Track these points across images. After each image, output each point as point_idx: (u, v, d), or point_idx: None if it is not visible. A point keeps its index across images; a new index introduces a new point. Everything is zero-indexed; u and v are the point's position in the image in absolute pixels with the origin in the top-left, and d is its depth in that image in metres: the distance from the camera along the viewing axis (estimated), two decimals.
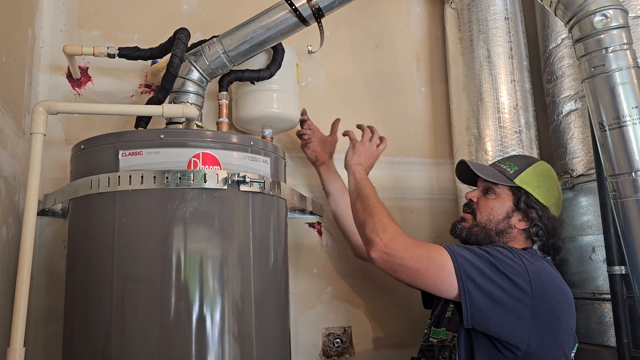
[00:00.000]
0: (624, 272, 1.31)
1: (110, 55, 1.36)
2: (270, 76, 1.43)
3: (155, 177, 1.04)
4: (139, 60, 1.40)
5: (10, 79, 1.23)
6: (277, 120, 1.50)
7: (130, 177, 1.05)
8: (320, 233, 1.67)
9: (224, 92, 1.41)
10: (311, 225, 1.67)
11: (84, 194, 1.08)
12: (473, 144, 1.65)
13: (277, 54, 1.43)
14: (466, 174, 1.37)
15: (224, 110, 1.41)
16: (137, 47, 1.38)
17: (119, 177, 1.05)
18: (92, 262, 1.06)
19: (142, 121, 1.34)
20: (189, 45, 1.34)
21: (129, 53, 1.37)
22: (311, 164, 1.61)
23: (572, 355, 1.16)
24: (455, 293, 1.09)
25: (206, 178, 1.05)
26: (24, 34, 1.35)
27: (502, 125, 1.61)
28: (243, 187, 1.09)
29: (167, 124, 1.30)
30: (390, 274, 1.15)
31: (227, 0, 1.71)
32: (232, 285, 1.07)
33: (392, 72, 1.86)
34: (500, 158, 1.43)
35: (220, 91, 1.42)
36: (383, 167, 1.78)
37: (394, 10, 1.90)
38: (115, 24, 1.59)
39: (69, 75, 1.53)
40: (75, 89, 1.53)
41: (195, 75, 1.33)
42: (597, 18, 1.14)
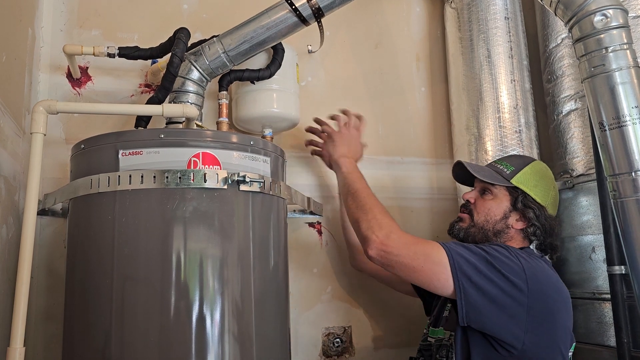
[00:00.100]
0: (623, 271, 1.31)
1: (111, 55, 1.37)
2: (270, 76, 1.43)
3: (155, 177, 1.04)
4: (139, 60, 1.40)
5: (10, 79, 1.23)
6: (277, 120, 1.50)
7: (130, 176, 1.05)
8: (320, 233, 1.67)
9: (224, 92, 1.41)
10: (311, 225, 1.67)
11: (84, 193, 1.08)
12: (473, 144, 1.65)
13: (277, 53, 1.43)
14: (463, 174, 1.37)
15: (224, 110, 1.41)
16: (137, 46, 1.38)
17: (119, 176, 1.05)
18: (92, 262, 1.07)
19: (142, 121, 1.34)
20: (189, 44, 1.34)
21: (129, 53, 1.37)
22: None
23: (570, 354, 1.16)
24: (450, 290, 1.09)
25: (206, 178, 1.05)
26: (24, 33, 1.35)
27: (502, 125, 1.61)
28: (243, 187, 1.09)
29: (167, 124, 1.30)
30: (388, 271, 1.15)
31: (227, 0, 1.71)
32: (232, 284, 1.07)
33: (392, 72, 1.86)
34: (497, 158, 1.43)
35: (220, 91, 1.42)
36: (383, 167, 1.78)
37: (394, 10, 1.90)
38: (116, 23, 1.59)
39: (69, 75, 1.53)
40: (75, 89, 1.53)
41: (195, 74, 1.33)
42: (597, 18, 1.15)
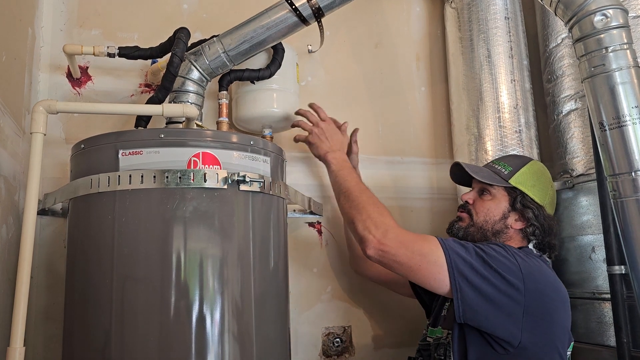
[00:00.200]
0: (623, 271, 1.31)
1: (110, 55, 1.36)
2: (270, 75, 1.43)
3: (155, 177, 1.04)
4: (139, 60, 1.40)
5: (10, 79, 1.23)
6: (277, 120, 1.50)
7: (130, 176, 1.05)
8: (320, 233, 1.67)
9: (224, 92, 1.41)
10: (311, 224, 1.67)
11: (84, 193, 1.08)
12: (473, 144, 1.65)
13: (277, 53, 1.43)
14: (460, 175, 1.37)
15: (224, 110, 1.41)
16: (137, 46, 1.38)
17: (118, 176, 1.05)
18: (92, 262, 1.06)
19: (142, 121, 1.34)
20: (189, 44, 1.34)
21: (129, 52, 1.37)
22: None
23: (569, 353, 1.16)
24: (447, 289, 1.09)
25: (206, 177, 1.05)
26: (24, 33, 1.35)
27: (502, 124, 1.61)
28: (243, 187, 1.09)
29: (167, 124, 1.30)
30: (387, 268, 1.16)
31: (227, 0, 1.71)
32: (232, 284, 1.07)
33: (392, 72, 1.86)
34: (494, 159, 1.43)
35: (220, 90, 1.42)
36: (383, 167, 1.78)
37: (394, 9, 1.90)
38: (116, 23, 1.59)
39: (69, 75, 1.53)
40: (75, 89, 1.53)
41: (195, 74, 1.33)
42: (597, 18, 1.14)
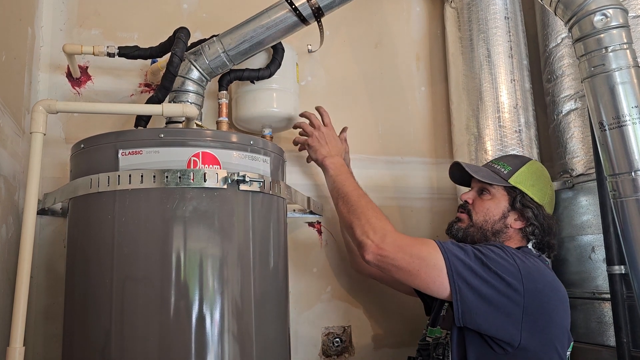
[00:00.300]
0: (623, 271, 1.31)
1: (110, 55, 1.36)
2: (270, 75, 1.43)
3: (155, 177, 1.04)
4: (138, 60, 1.40)
5: (10, 78, 1.23)
6: (277, 120, 1.50)
7: (130, 176, 1.05)
8: (320, 232, 1.67)
9: (224, 92, 1.41)
10: (311, 224, 1.67)
11: (84, 193, 1.08)
12: (473, 144, 1.65)
13: (277, 53, 1.43)
14: (459, 175, 1.37)
15: (224, 110, 1.41)
16: (136, 46, 1.38)
17: (118, 176, 1.05)
18: (91, 261, 1.07)
19: (142, 120, 1.34)
20: (188, 44, 1.34)
21: (128, 52, 1.37)
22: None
23: (568, 353, 1.16)
24: (447, 292, 1.09)
25: (206, 177, 1.05)
26: (24, 33, 1.35)
27: (502, 124, 1.61)
28: (243, 187, 1.09)
29: (167, 123, 1.30)
30: (384, 278, 1.15)
31: (227, 0, 1.70)
32: (232, 284, 1.07)
33: (392, 72, 1.86)
34: (493, 158, 1.43)
35: (220, 90, 1.42)
36: (383, 167, 1.78)
37: (393, 9, 1.90)
38: (115, 23, 1.59)
39: (69, 75, 1.53)
40: (75, 88, 1.53)
41: (195, 74, 1.33)
42: (597, 17, 1.15)
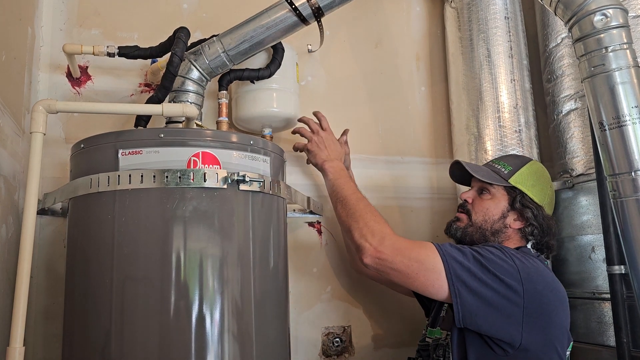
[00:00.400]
0: (623, 271, 1.31)
1: (110, 54, 1.36)
2: (270, 75, 1.43)
3: (155, 176, 1.04)
4: (138, 59, 1.40)
5: (9, 78, 1.23)
6: (277, 120, 1.50)
7: (130, 176, 1.05)
8: (320, 232, 1.67)
9: (224, 91, 1.41)
10: (311, 224, 1.67)
11: (84, 193, 1.08)
12: (473, 144, 1.65)
13: (277, 53, 1.43)
14: (460, 174, 1.37)
15: (224, 110, 1.41)
16: (136, 46, 1.38)
17: (118, 176, 1.05)
18: (91, 261, 1.06)
19: (142, 120, 1.34)
20: (188, 44, 1.34)
21: (128, 52, 1.37)
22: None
23: (568, 353, 1.16)
24: (446, 295, 1.09)
25: (206, 177, 1.05)
26: (24, 32, 1.35)
27: (502, 124, 1.61)
28: (243, 187, 1.09)
29: (166, 123, 1.30)
30: (384, 278, 1.15)
31: (227, 0, 1.70)
32: (232, 284, 1.07)
33: (391, 71, 1.86)
34: (493, 158, 1.43)
35: (220, 90, 1.42)
36: (383, 167, 1.78)
37: (393, 9, 1.90)
38: (115, 23, 1.59)
39: (69, 74, 1.53)
40: (75, 88, 1.53)
41: (195, 74, 1.33)
42: (597, 17, 1.15)
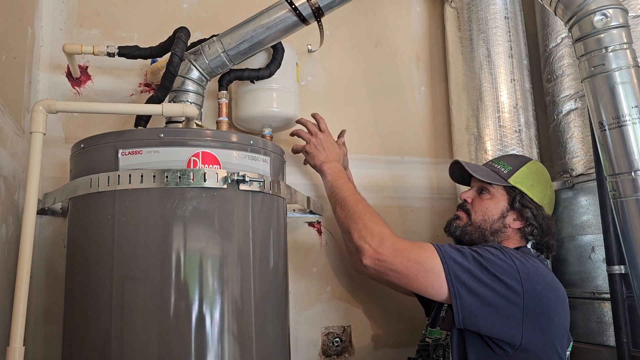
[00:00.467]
0: (623, 271, 1.31)
1: (110, 54, 1.36)
2: (270, 75, 1.43)
3: (154, 176, 1.04)
4: (138, 59, 1.40)
5: (9, 78, 1.23)
6: (276, 119, 1.50)
7: (130, 176, 1.05)
8: (320, 232, 1.67)
9: (224, 91, 1.41)
10: (311, 224, 1.67)
11: (84, 192, 1.08)
12: (473, 143, 1.65)
13: (277, 53, 1.43)
14: (459, 173, 1.37)
15: (224, 109, 1.41)
16: (136, 46, 1.38)
17: (118, 176, 1.05)
18: (91, 261, 1.06)
19: (142, 120, 1.34)
20: (188, 44, 1.34)
21: (128, 52, 1.37)
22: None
23: (568, 353, 1.16)
24: (445, 296, 1.09)
25: (206, 177, 1.05)
26: (24, 32, 1.35)
27: (502, 124, 1.61)
28: (243, 186, 1.09)
29: (166, 123, 1.30)
30: (383, 279, 1.15)
31: (227, 0, 1.70)
32: (232, 284, 1.07)
33: (391, 71, 1.86)
34: (493, 158, 1.43)
35: (220, 90, 1.42)
36: (383, 167, 1.78)
37: (393, 9, 1.90)
38: (115, 22, 1.59)
39: (69, 74, 1.53)
40: (75, 88, 1.53)
41: (195, 74, 1.33)
42: (597, 17, 1.15)
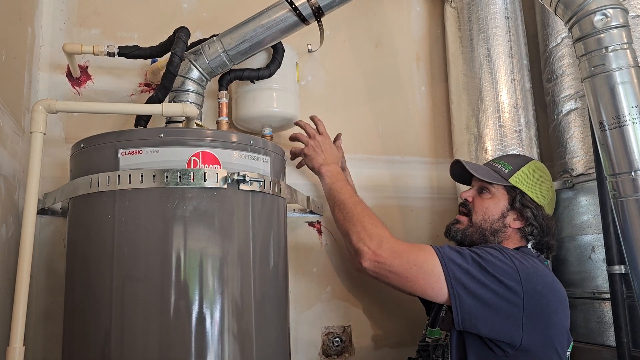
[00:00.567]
0: (623, 271, 1.31)
1: (110, 54, 1.36)
2: (270, 75, 1.43)
3: (155, 176, 1.04)
4: (138, 59, 1.40)
5: (10, 78, 1.23)
6: (277, 119, 1.50)
7: (130, 176, 1.05)
8: (320, 232, 1.67)
9: (224, 91, 1.41)
10: (311, 224, 1.67)
11: (84, 192, 1.08)
12: (473, 143, 1.65)
13: (277, 52, 1.43)
14: (460, 173, 1.37)
15: (224, 109, 1.41)
16: (136, 45, 1.38)
17: (118, 176, 1.05)
18: (91, 261, 1.06)
19: (142, 120, 1.34)
20: (188, 44, 1.34)
21: (128, 52, 1.37)
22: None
23: (568, 354, 1.16)
24: (445, 298, 1.09)
25: (206, 177, 1.05)
26: (24, 32, 1.35)
27: (502, 124, 1.61)
28: (243, 186, 1.09)
29: (167, 123, 1.30)
30: (383, 281, 1.15)
31: None
32: (232, 284, 1.07)
33: (392, 71, 1.86)
34: (495, 157, 1.43)
35: (220, 90, 1.42)
36: (383, 166, 1.78)
37: (394, 9, 1.90)
38: (115, 22, 1.59)
39: (69, 74, 1.53)
40: (75, 88, 1.53)
41: (195, 74, 1.33)
42: (597, 17, 1.15)
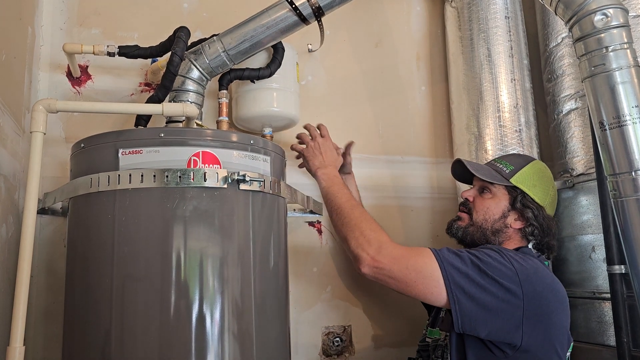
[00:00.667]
0: (623, 271, 1.31)
1: (110, 54, 1.36)
2: (270, 75, 1.43)
3: (155, 176, 1.04)
4: (139, 59, 1.40)
5: (10, 78, 1.23)
6: (277, 119, 1.50)
7: (130, 175, 1.05)
8: (320, 232, 1.67)
9: (224, 91, 1.41)
10: (311, 224, 1.67)
11: (84, 192, 1.08)
12: (473, 143, 1.65)
13: (277, 52, 1.43)
14: (462, 172, 1.36)
15: (224, 109, 1.41)
16: (137, 45, 1.38)
17: (118, 175, 1.05)
18: (92, 261, 1.06)
19: (142, 120, 1.34)
20: (189, 43, 1.34)
21: (128, 51, 1.37)
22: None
23: (568, 354, 1.16)
24: (444, 301, 1.08)
25: (206, 177, 1.05)
26: (24, 32, 1.35)
27: (502, 124, 1.61)
28: (243, 186, 1.09)
29: (167, 123, 1.30)
30: (383, 285, 1.15)
31: None
32: (232, 284, 1.07)
33: (392, 71, 1.86)
34: (496, 157, 1.43)
35: (220, 90, 1.42)
36: (383, 166, 1.78)
37: (394, 9, 1.90)
38: (115, 22, 1.59)
39: (69, 74, 1.53)
40: (75, 88, 1.53)
41: (195, 73, 1.33)
42: (598, 17, 1.14)
